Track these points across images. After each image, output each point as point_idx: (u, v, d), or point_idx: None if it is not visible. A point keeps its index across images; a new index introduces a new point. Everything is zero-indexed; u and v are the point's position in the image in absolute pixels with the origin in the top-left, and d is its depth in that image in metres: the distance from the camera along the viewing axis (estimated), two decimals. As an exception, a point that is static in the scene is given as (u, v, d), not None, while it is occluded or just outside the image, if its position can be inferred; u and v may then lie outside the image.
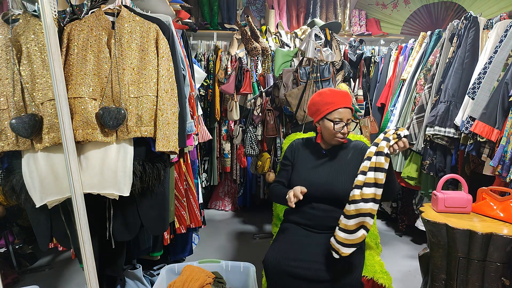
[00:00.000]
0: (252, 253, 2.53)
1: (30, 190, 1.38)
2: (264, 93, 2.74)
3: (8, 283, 2.05)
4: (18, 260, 2.20)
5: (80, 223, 1.35)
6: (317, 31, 2.38)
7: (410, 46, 2.80)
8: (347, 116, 1.46)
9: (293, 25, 3.85)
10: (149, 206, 1.57)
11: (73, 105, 1.36)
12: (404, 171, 2.45)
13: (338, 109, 1.46)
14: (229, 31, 3.62)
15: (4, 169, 1.46)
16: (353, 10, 3.95)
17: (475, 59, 2.07)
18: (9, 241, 2.15)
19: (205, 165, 3.34)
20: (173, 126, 1.50)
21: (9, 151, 1.38)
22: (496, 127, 1.72)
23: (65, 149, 1.31)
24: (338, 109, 1.46)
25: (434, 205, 1.65)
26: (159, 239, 1.97)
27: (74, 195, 1.34)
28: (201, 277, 1.63)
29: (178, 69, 1.60)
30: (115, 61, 1.42)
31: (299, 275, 1.30)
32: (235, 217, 3.34)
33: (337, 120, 1.46)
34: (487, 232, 1.35)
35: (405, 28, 4.03)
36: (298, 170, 1.56)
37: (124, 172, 1.43)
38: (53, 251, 2.46)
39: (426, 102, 2.32)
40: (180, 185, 2.02)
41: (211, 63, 3.28)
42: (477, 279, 1.39)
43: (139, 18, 1.48)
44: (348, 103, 1.47)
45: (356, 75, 3.08)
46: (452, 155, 2.16)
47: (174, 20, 2.19)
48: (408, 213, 2.79)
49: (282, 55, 2.61)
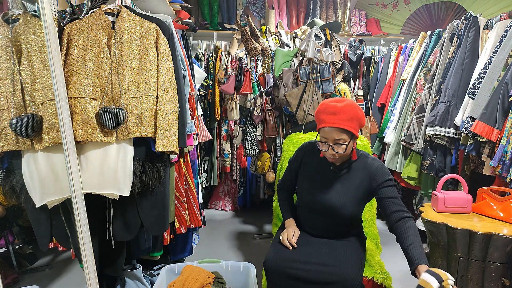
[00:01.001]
0: (252, 253, 2.53)
1: (30, 190, 1.38)
2: (264, 93, 2.74)
3: (8, 283, 2.05)
4: (18, 260, 2.20)
5: (80, 223, 1.35)
6: (317, 31, 2.38)
7: (410, 46, 2.80)
8: (333, 137, 1.26)
9: (293, 25, 3.85)
10: (149, 206, 1.57)
11: (73, 105, 1.36)
12: (404, 171, 2.45)
13: (323, 128, 1.28)
14: (229, 31, 3.62)
15: (4, 169, 1.46)
16: (353, 10, 3.95)
17: (475, 59, 2.07)
18: (9, 241, 2.15)
19: (205, 165, 3.34)
20: (173, 126, 1.50)
21: (9, 151, 1.39)
22: (496, 127, 1.72)
23: (65, 149, 1.31)
24: (323, 128, 1.28)
25: (434, 205, 1.65)
26: (159, 239, 1.97)
27: (74, 195, 1.34)
28: (201, 277, 1.63)
29: (178, 69, 1.60)
30: (115, 61, 1.42)
31: (299, 277, 1.29)
32: (235, 217, 3.34)
33: (323, 140, 1.30)
34: (487, 232, 1.35)
35: (405, 28, 4.03)
36: (304, 180, 1.47)
37: (124, 172, 1.43)
38: (53, 251, 2.46)
39: (426, 102, 2.32)
40: (180, 185, 2.02)
41: (211, 63, 3.28)
42: (477, 279, 1.39)
43: (139, 18, 1.48)
44: (337, 123, 1.24)
45: (356, 75, 3.09)
46: (452, 155, 2.16)
47: (174, 20, 2.19)
48: (408, 213, 2.79)
49: (282, 55, 2.61)
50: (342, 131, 1.25)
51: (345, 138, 1.26)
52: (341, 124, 1.24)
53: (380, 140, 2.92)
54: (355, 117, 1.26)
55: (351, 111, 1.25)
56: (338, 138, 1.26)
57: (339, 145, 1.27)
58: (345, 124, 1.24)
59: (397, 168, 2.56)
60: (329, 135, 1.27)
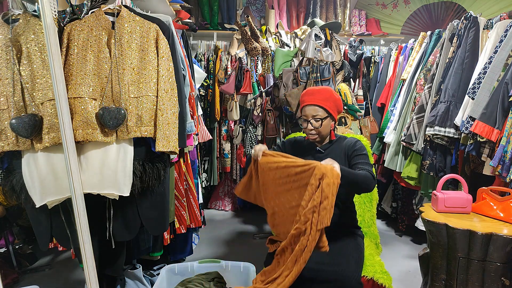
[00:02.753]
0: (252, 253, 2.53)
1: (30, 190, 1.38)
2: (264, 93, 2.75)
3: (8, 283, 2.05)
4: (18, 260, 2.20)
5: (80, 223, 1.35)
6: (317, 31, 2.38)
7: (410, 46, 2.80)
8: (311, 113, 1.49)
9: (293, 25, 3.85)
10: (149, 206, 1.57)
11: (73, 105, 1.36)
12: (404, 171, 2.45)
13: (303, 107, 1.52)
14: (229, 31, 3.62)
15: (4, 169, 1.46)
16: (353, 10, 3.95)
17: (475, 59, 2.07)
18: (9, 241, 2.15)
19: (205, 165, 3.34)
20: (173, 126, 1.50)
21: (9, 151, 1.38)
22: (496, 127, 1.72)
23: (65, 149, 1.31)
24: (303, 107, 1.52)
25: (434, 205, 1.65)
26: (159, 239, 1.97)
27: (74, 195, 1.34)
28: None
29: (178, 69, 1.60)
30: (115, 61, 1.42)
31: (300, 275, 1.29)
32: (235, 217, 3.34)
33: (303, 117, 1.52)
34: (487, 232, 1.35)
35: (405, 28, 4.03)
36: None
37: (124, 172, 1.43)
38: (53, 251, 2.46)
39: (426, 102, 2.32)
40: (180, 185, 2.02)
41: (211, 63, 3.28)
42: (477, 279, 1.39)
43: (139, 18, 1.48)
44: (315, 101, 1.49)
45: (356, 75, 3.09)
46: (452, 155, 2.16)
47: (174, 20, 2.19)
48: (408, 213, 2.79)
49: (282, 55, 2.62)
50: (318, 108, 1.49)
51: (321, 114, 1.49)
52: (317, 102, 1.48)
53: (380, 140, 2.92)
54: (331, 98, 1.51)
55: (326, 93, 1.51)
56: (315, 114, 1.49)
57: (316, 120, 1.49)
58: (321, 102, 1.48)
59: (397, 168, 2.56)
60: (308, 112, 1.50)
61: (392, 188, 2.95)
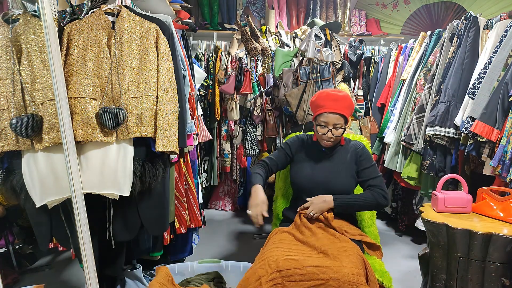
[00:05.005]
0: (252, 253, 2.52)
1: (30, 190, 1.38)
2: (264, 93, 2.74)
3: (8, 283, 2.05)
4: (18, 260, 2.20)
5: (80, 223, 1.35)
6: (317, 31, 2.38)
7: (410, 46, 2.80)
8: (333, 121, 1.45)
9: (293, 25, 3.85)
10: (149, 206, 1.57)
11: (73, 105, 1.36)
12: (404, 171, 2.45)
13: (324, 113, 1.46)
14: (229, 31, 3.62)
15: (4, 169, 1.46)
16: (353, 10, 3.95)
17: (475, 59, 2.07)
18: (9, 241, 2.15)
19: (205, 165, 3.34)
20: (173, 126, 1.50)
21: (9, 151, 1.38)
22: (496, 127, 1.72)
23: (65, 149, 1.31)
24: (324, 113, 1.46)
25: (434, 205, 1.65)
26: (159, 239, 1.97)
27: (74, 195, 1.34)
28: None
29: (178, 69, 1.60)
30: (115, 61, 1.42)
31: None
32: (235, 217, 3.34)
33: (322, 124, 1.47)
34: (487, 232, 1.35)
35: (405, 28, 4.03)
36: (299, 167, 1.59)
37: (124, 172, 1.43)
38: (53, 251, 2.45)
39: (426, 102, 2.32)
40: (180, 185, 2.02)
41: (211, 63, 3.28)
42: (477, 279, 1.39)
43: (139, 18, 1.48)
44: (338, 109, 1.44)
45: (356, 75, 3.09)
46: (452, 155, 2.16)
47: (174, 20, 2.19)
48: (408, 213, 2.79)
49: (282, 55, 2.61)
50: (340, 116, 1.45)
51: (342, 123, 1.47)
52: (341, 110, 1.44)
53: (380, 140, 2.92)
54: (351, 106, 1.49)
55: (349, 100, 1.48)
56: (337, 123, 1.45)
57: (337, 128, 1.46)
58: (343, 111, 1.45)
59: (397, 168, 2.56)
60: (330, 120, 1.45)
61: (392, 188, 2.95)
